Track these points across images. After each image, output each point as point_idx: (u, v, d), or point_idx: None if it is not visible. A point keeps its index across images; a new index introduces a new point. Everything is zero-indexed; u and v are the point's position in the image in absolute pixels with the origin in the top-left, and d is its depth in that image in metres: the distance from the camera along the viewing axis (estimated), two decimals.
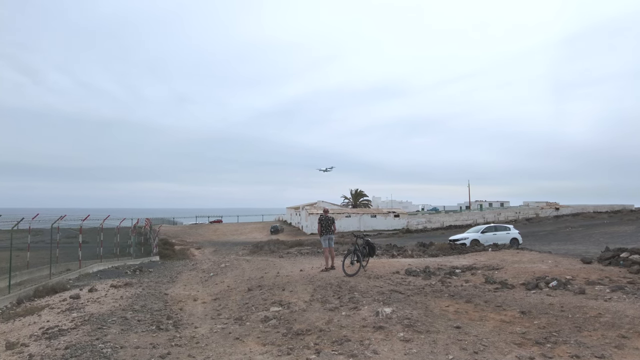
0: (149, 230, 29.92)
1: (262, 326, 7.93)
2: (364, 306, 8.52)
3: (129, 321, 8.95)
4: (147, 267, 19.68)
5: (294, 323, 7.89)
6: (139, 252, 25.41)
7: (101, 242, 21.46)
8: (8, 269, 13.84)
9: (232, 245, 38.09)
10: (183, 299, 11.44)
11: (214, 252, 32.62)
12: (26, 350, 7.32)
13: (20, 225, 15.48)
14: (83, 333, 8.14)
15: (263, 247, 30.47)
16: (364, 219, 52.58)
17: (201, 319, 9.11)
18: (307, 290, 10.58)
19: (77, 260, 18.84)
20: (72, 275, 16.81)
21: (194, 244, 39.22)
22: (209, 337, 7.57)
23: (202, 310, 10.00)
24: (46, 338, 7.98)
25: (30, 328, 8.89)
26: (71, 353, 6.94)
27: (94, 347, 7.20)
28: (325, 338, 6.83)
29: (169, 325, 8.53)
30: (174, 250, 29.65)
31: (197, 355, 6.53)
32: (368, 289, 10.16)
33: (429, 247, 23.00)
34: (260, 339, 7.18)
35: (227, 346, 6.92)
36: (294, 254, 23.80)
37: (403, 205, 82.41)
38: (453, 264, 14.26)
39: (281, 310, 9.03)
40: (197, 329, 8.23)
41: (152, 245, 26.82)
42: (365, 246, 12.92)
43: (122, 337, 7.75)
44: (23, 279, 15.69)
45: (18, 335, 8.34)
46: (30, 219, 16.24)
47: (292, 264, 17.94)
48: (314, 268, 15.02)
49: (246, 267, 17.50)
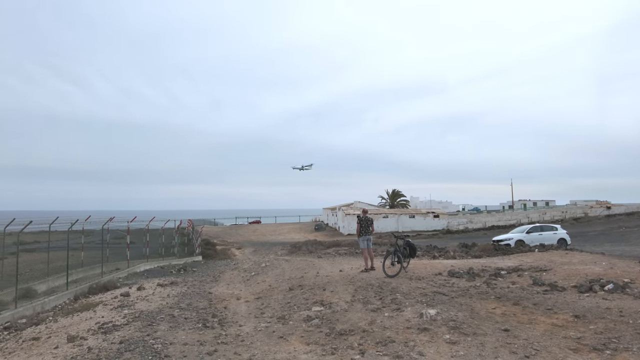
0: (191, 231, 30.86)
1: (305, 325, 7.99)
2: (407, 307, 8.41)
3: (176, 319, 9.27)
4: (190, 267, 20.31)
5: (337, 323, 7.89)
6: (183, 252, 26.26)
7: (147, 243, 22.36)
8: (65, 267, 14.69)
9: (271, 245, 38.63)
10: (227, 298, 11.71)
11: (253, 252, 33.20)
12: (85, 343, 7.74)
13: (74, 226, 16.40)
14: (135, 329, 8.51)
15: (301, 247, 30.71)
16: (402, 220, 51.89)
17: (245, 317, 9.29)
18: (348, 291, 10.57)
19: (126, 259, 19.72)
20: (122, 274, 17.61)
21: (235, 244, 40.09)
22: (253, 335, 7.71)
23: (245, 308, 10.20)
24: (102, 332, 8.41)
25: (87, 323, 9.39)
26: (125, 347, 7.27)
27: (145, 342, 7.52)
28: (368, 339, 6.79)
29: (214, 323, 8.76)
30: (215, 250, 30.41)
31: (242, 353, 6.66)
32: (410, 290, 10.02)
33: (471, 248, 22.38)
34: (304, 338, 7.24)
35: (272, 344, 7.02)
36: (331, 255, 23.83)
37: (442, 205, 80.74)
38: (498, 265, 13.80)
39: (323, 310, 9.06)
40: (241, 327, 8.40)
41: (194, 246, 27.64)
42: (406, 247, 12.74)
43: (170, 334, 8.04)
44: (78, 276, 16.60)
45: (77, 329, 8.84)
46: (83, 221, 17.17)
47: (331, 264, 17.97)
48: (353, 269, 14.98)
49: (286, 267, 17.70)
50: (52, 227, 15.56)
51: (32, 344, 8.26)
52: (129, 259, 19.79)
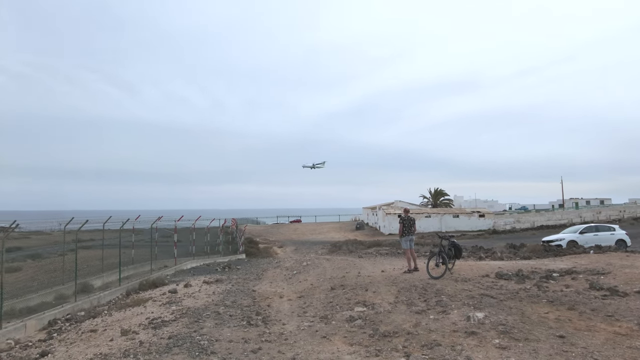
0: (235, 230, 31.58)
1: (348, 326, 7.94)
2: (453, 310, 8.17)
3: (222, 316, 9.49)
4: (234, 265, 20.79)
5: (380, 324, 7.79)
6: (227, 250, 26.94)
7: (193, 241, 23.11)
8: (118, 264, 15.45)
9: (311, 244, 38.85)
10: (270, 296, 11.87)
11: (294, 250, 33.52)
12: (137, 337, 8.09)
13: (125, 225, 17.22)
14: (182, 325, 8.80)
15: (341, 246, 30.66)
16: (446, 220, 50.62)
17: (288, 316, 9.37)
18: (391, 292, 10.42)
19: (173, 257, 20.48)
20: (169, 271, 18.30)
21: (276, 242, 40.67)
22: (296, 334, 7.75)
23: (288, 307, 10.29)
24: (152, 327, 8.76)
25: (139, 318, 9.81)
26: (174, 343, 7.52)
27: (193, 338, 7.74)
28: (413, 341, 6.65)
29: (258, 321, 8.89)
30: (258, 248, 30.97)
31: (286, 352, 6.71)
32: (456, 293, 9.73)
33: (519, 248, 21.46)
34: (347, 338, 7.20)
35: (315, 344, 7.03)
36: (372, 255, 23.62)
37: (488, 204, 78.05)
38: (549, 267, 13.13)
39: (366, 310, 8.98)
40: (284, 325, 8.48)
41: (238, 244, 28.28)
42: (451, 248, 12.39)
43: (216, 331, 8.24)
44: (129, 273, 17.42)
45: (129, 323, 9.26)
46: (133, 220, 17.99)
47: (372, 264, 17.80)
48: (395, 269, 14.76)
49: (327, 266, 17.71)
50: (106, 226, 16.41)
51: (90, 335, 8.74)
52: (176, 256, 20.52)
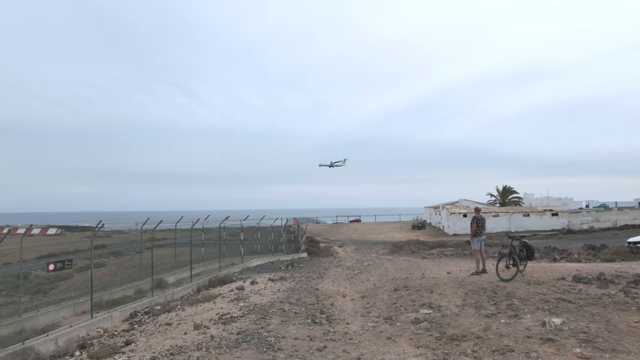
0: (296, 229, 32.19)
1: (414, 328, 7.79)
2: (526, 315, 7.71)
3: (287, 313, 9.71)
4: (297, 263, 21.19)
5: (447, 327, 7.55)
6: (290, 248, 27.55)
7: (258, 240, 23.88)
8: (189, 261, 16.36)
9: (372, 244, 38.57)
10: (333, 295, 11.95)
11: (355, 250, 33.48)
12: (208, 331, 8.52)
13: (196, 225, 18.19)
14: (250, 321, 9.12)
15: (403, 247, 30.14)
16: (515, 219, 47.94)
17: (352, 315, 9.38)
18: (458, 294, 10.06)
19: (240, 255, 21.30)
20: (236, 268, 19.05)
21: (337, 242, 40.87)
22: (361, 334, 7.74)
23: (351, 307, 10.29)
24: (222, 323, 9.18)
25: (209, 313, 10.33)
26: (242, 338, 7.82)
27: (260, 335, 8.00)
28: (483, 346, 6.37)
29: (322, 320, 8.99)
30: (319, 247, 31.33)
31: (351, 351, 6.72)
32: (529, 296, 9.18)
33: (600, 250, 19.80)
34: (413, 340, 7.06)
35: (380, 345, 6.97)
36: (436, 255, 22.97)
37: (561, 202, 72.66)
38: (637, 271, 11.97)
39: (432, 312, 8.75)
40: (348, 325, 8.49)
41: (300, 243, 28.81)
42: (522, 248, 11.70)
43: (282, 328, 8.45)
44: (200, 270, 18.38)
45: (201, 318, 9.78)
46: (203, 220, 18.97)
47: (436, 265, 17.31)
48: (462, 271, 14.24)
49: (389, 267, 17.50)
50: (177, 226, 17.44)
51: (166, 328, 9.34)
52: (243, 254, 21.32)
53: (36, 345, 8.36)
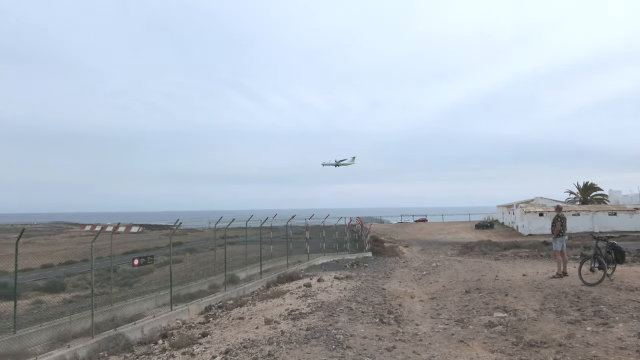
0: (360, 228, 32.10)
1: (487, 331, 7.45)
2: (618, 323, 7.06)
3: (354, 312, 9.73)
4: (362, 262, 21.15)
5: (525, 332, 7.13)
6: (354, 247, 27.55)
7: (323, 238, 24.18)
8: (259, 258, 16.98)
9: (439, 244, 37.41)
10: (400, 295, 11.78)
11: (421, 250, 32.68)
12: (279, 327, 8.79)
13: (264, 223, 18.84)
14: (318, 318, 9.26)
15: (473, 247, 28.88)
16: (599, 218, 43.99)
17: (421, 316, 9.18)
18: (536, 298, 9.46)
19: (306, 253, 21.71)
20: (303, 266, 19.44)
21: (402, 242, 40.15)
22: (431, 335, 7.55)
23: (420, 308, 10.08)
24: (291, 319, 9.41)
25: (279, 309, 10.64)
26: (311, 335, 7.97)
27: (328, 332, 8.10)
28: (567, 354, 5.94)
29: (390, 320, 8.89)
30: (384, 247, 30.99)
31: (421, 353, 6.58)
32: (619, 303, 8.40)
33: None
34: (487, 344, 6.76)
35: (452, 347, 6.75)
36: (510, 257, 21.74)
37: None
38: None
39: (507, 316, 8.31)
40: (418, 326, 8.33)
41: (364, 242, 28.71)
42: (610, 250, 10.72)
43: (350, 326, 8.48)
44: (268, 267, 19.00)
45: (271, 313, 10.11)
46: (271, 218, 19.59)
47: (511, 267, 16.40)
48: (539, 273, 13.37)
49: (459, 268, 16.88)
50: (248, 224, 18.16)
51: (238, 322, 9.77)
52: (309, 252, 21.71)
53: (126, 332, 9.15)
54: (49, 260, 24.15)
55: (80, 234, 48.76)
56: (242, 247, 19.46)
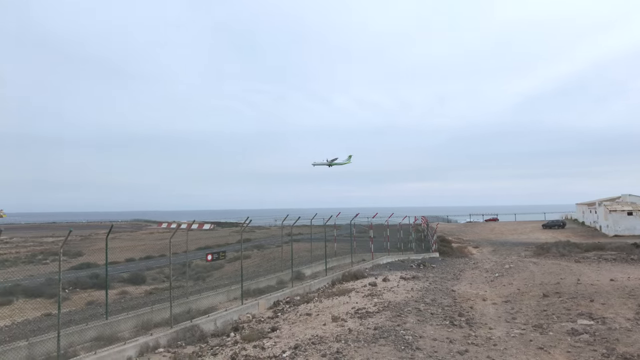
0: (426, 228, 31.27)
1: (571, 339, 6.91)
2: None
3: (423, 313, 9.49)
4: (429, 263, 20.56)
5: (617, 343, 6.52)
6: (420, 247, 26.87)
7: (387, 237, 23.85)
8: (324, 256, 17.14)
9: (512, 245, 35.32)
10: (471, 298, 11.29)
11: (492, 251, 31.08)
12: (345, 324, 8.80)
13: (329, 221, 18.98)
14: (385, 318, 9.15)
15: (550, 249, 26.91)
16: None
17: (494, 320, 8.73)
18: (628, 306, 8.61)
19: (369, 252, 21.54)
20: (367, 264, 19.32)
21: (471, 242, 38.46)
22: (506, 341, 7.16)
23: (493, 311, 9.59)
24: (358, 317, 9.39)
25: (345, 307, 10.66)
26: (379, 334, 7.89)
27: (397, 332, 7.96)
28: None
29: (462, 322, 8.56)
30: (451, 247, 29.90)
31: (496, 358, 6.26)
32: None
33: None
34: (571, 354, 6.27)
35: (530, 355, 6.35)
36: (593, 259, 19.99)
37: None
38: None
39: (593, 324, 7.65)
40: (491, 330, 7.93)
41: (430, 242, 27.89)
42: None
43: (419, 327, 8.28)
44: (333, 265, 19.12)
45: (338, 311, 10.15)
46: (335, 217, 19.68)
47: (595, 271, 15.08)
48: (631, 278, 12.16)
49: (535, 270, 15.84)
50: (313, 222, 18.39)
51: (306, 318, 9.92)
52: (373, 251, 21.53)
53: (200, 324, 9.65)
54: (132, 254, 26.24)
55: (158, 231, 52.43)
56: (307, 244, 19.75)
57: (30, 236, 44.88)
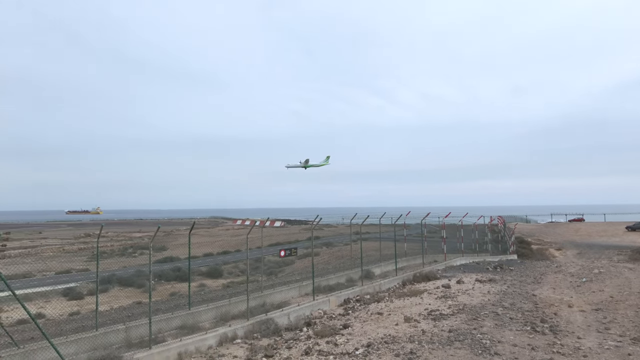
0: (503, 228, 29.62)
1: None
2: None
3: (501, 317, 9.02)
4: (506, 265, 19.44)
5: None
6: (496, 249, 25.52)
7: (461, 238, 22.93)
8: (394, 255, 16.93)
9: (601, 248, 32.24)
10: (555, 303, 10.52)
11: (578, 254, 28.62)
12: (419, 325, 8.64)
13: (398, 220, 18.68)
14: (460, 321, 8.83)
15: None
16: None
17: (583, 329, 8.07)
18: None
19: (442, 253, 20.86)
20: (439, 266, 18.74)
21: (553, 244, 35.74)
22: (599, 353, 6.59)
23: (581, 319, 8.86)
24: (431, 319, 9.16)
25: (417, 308, 10.45)
26: (454, 337, 7.64)
27: (473, 336, 7.66)
28: None
29: (544, 329, 8.02)
30: (531, 249, 28.02)
31: None
32: None
33: None
34: None
35: None
36: None
37: None
38: None
39: None
40: (580, 340, 7.34)
41: (508, 243, 26.36)
42: None
43: (497, 332, 7.90)
44: (402, 265, 18.81)
45: (410, 311, 9.98)
46: (404, 216, 19.33)
47: None
48: None
49: (631, 277, 14.35)
50: (381, 221, 18.23)
51: (377, 317, 9.88)
52: (445, 252, 20.85)
53: (275, 318, 10.01)
54: (209, 249, 27.85)
55: (233, 228, 55.08)
56: (375, 243, 19.62)
57: (121, 231, 49.43)
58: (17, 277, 17.63)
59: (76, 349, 7.81)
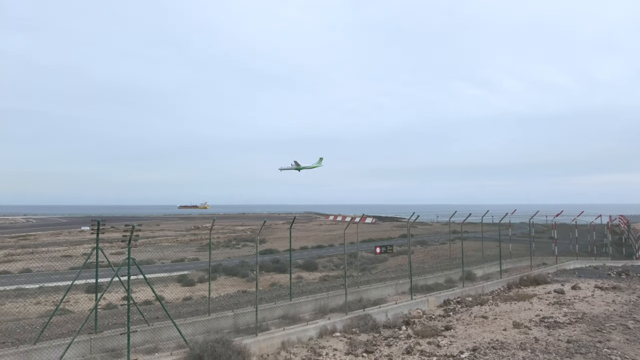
0: (626, 230, 26.10)
1: None
2: None
3: (633, 331, 7.94)
4: (633, 271, 17.03)
5: None
6: (619, 253, 22.57)
7: (575, 239, 20.70)
8: (498, 256, 15.85)
9: None
10: None
11: None
12: (530, 332, 7.97)
13: (503, 219, 17.44)
14: (581, 331, 7.95)
15: None
16: None
17: None
18: None
19: (552, 255, 19.06)
20: (550, 269, 17.11)
21: None
22: None
23: None
24: (545, 326, 8.39)
25: (527, 313, 9.64)
26: (575, 349, 6.91)
27: (598, 350, 6.85)
28: None
29: None
30: None
31: None
32: None
33: None
34: None
35: None
36: None
37: None
38: None
39: None
40: None
41: (633, 247, 23.13)
42: None
43: (629, 348, 6.96)
44: (507, 267, 17.52)
45: (519, 317, 9.25)
46: (509, 214, 17.98)
47: None
48: None
49: None
50: (483, 220, 17.16)
51: (482, 321, 9.32)
52: (556, 254, 19.01)
53: (373, 314, 9.98)
54: (305, 243, 28.79)
55: (326, 223, 56.26)
56: (474, 243, 18.55)
57: (226, 224, 53.34)
58: (142, 263, 19.99)
59: (193, 331, 8.59)
